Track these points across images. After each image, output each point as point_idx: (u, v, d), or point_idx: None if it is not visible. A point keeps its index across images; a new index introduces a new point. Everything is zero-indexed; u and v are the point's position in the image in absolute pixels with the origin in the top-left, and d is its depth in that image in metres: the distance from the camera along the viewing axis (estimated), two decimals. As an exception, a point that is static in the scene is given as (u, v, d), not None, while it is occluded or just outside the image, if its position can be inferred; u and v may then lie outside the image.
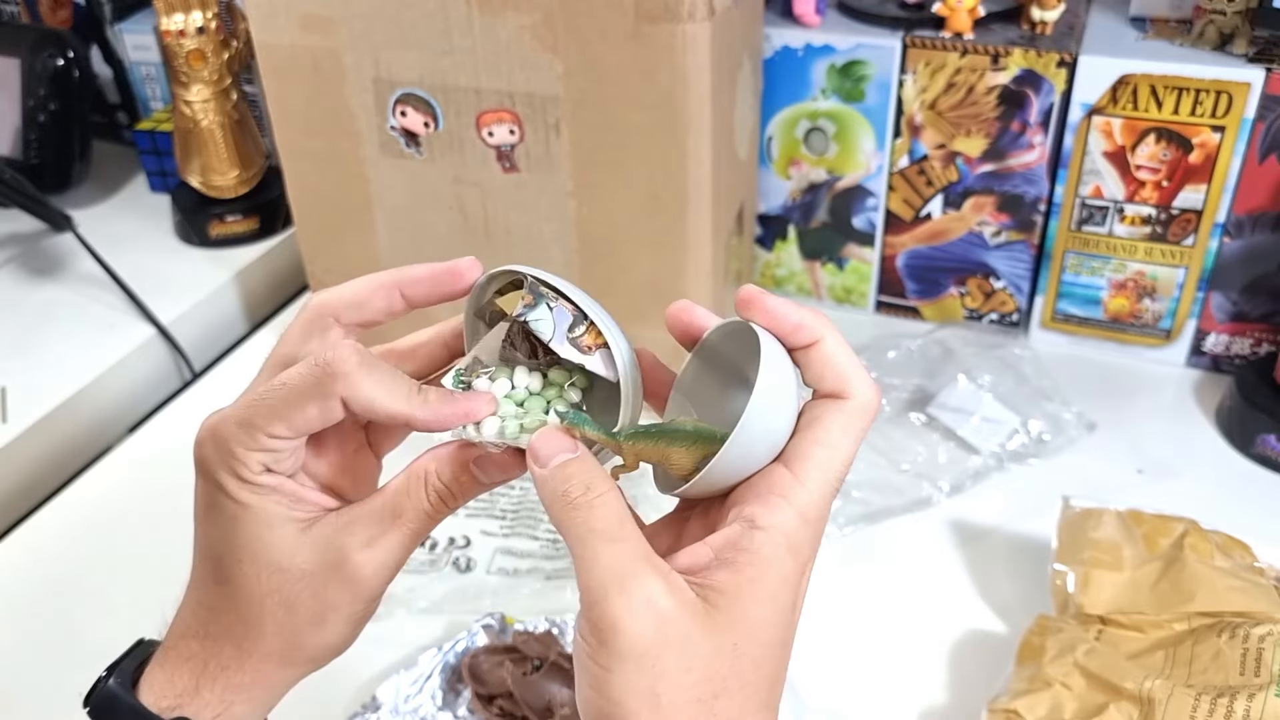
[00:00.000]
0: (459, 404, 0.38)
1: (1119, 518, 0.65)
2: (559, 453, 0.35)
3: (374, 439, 0.42)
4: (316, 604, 0.37)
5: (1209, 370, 0.85)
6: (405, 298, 0.39)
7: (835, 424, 0.35)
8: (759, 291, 0.36)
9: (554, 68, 0.68)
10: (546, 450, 0.35)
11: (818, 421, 0.35)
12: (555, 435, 0.36)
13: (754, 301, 0.36)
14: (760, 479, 0.35)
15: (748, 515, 0.34)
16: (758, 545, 0.33)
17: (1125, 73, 0.76)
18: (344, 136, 0.76)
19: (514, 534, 0.72)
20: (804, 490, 0.34)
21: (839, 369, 0.35)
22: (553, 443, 0.35)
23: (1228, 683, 0.54)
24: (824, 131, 0.86)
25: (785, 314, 0.35)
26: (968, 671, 0.62)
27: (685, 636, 0.32)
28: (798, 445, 0.35)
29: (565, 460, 0.35)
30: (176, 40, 0.92)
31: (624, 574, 0.32)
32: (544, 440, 0.35)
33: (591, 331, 0.38)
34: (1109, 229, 0.82)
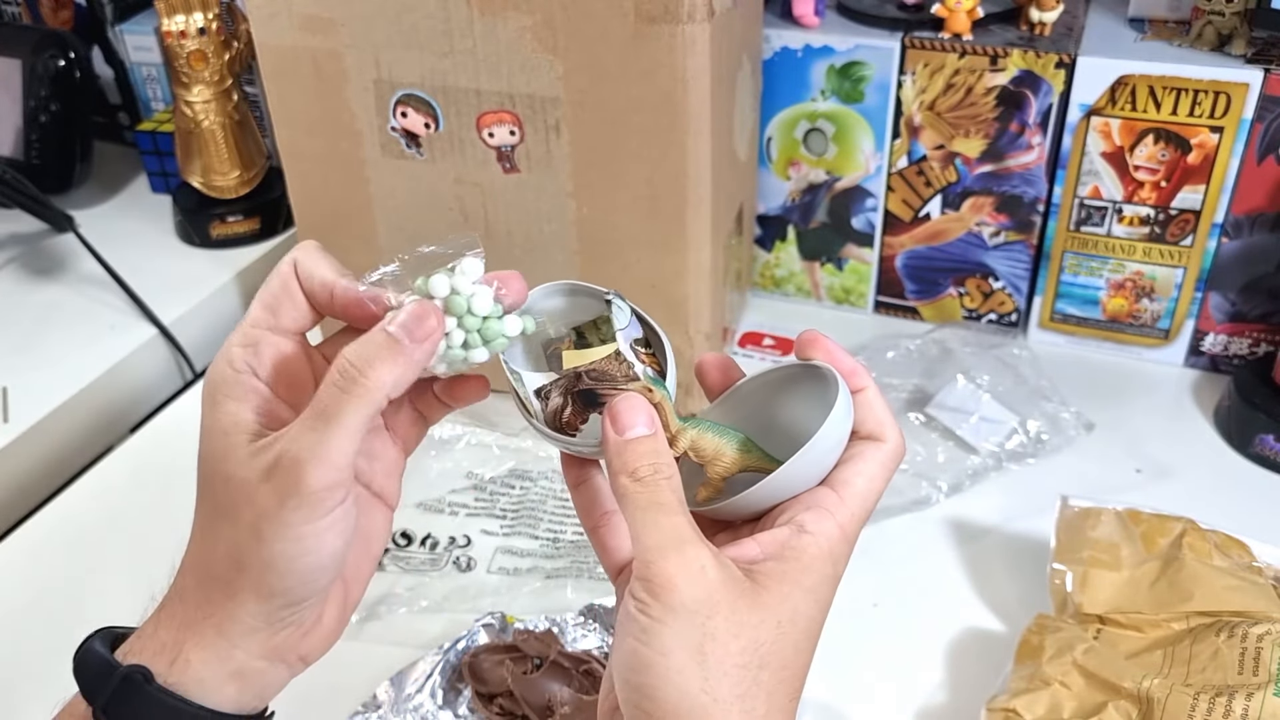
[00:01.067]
0: (380, 295, 0.38)
1: (1117, 517, 0.65)
2: (637, 425, 0.37)
3: (390, 420, 0.43)
4: (251, 511, 0.35)
5: (1207, 370, 0.85)
6: None
7: (874, 461, 0.39)
8: (821, 335, 0.40)
9: (554, 69, 0.69)
10: (627, 418, 0.37)
11: (859, 457, 0.39)
12: (638, 403, 0.37)
13: (818, 343, 0.40)
14: (809, 494, 0.38)
15: (797, 521, 0.37)
16: (805, 545, 0.36)
17: (1124, 73, 0.76)
18: (345, 137, 0.76)
19: (514, 533, 0.72)
20: (846, 510, 0.37)
21: (879, 415, 0.39)
22: (634, 411, 0.37)
23: (1226, 682, 0.54)
24: (823, 132, 0.86)
25: (843, 358, 0.40)
26: (966, 671, 0.62)
27: (733, 605, 0.34)
28: (841, 473, 0.38)
29: (641, 436, 0.37)
30: (177, 41, 0.92)
31: (681, 539, 0.35)
32: (627, 405, 0.37)
33: (652, 355, 0.40)
34: (1107, 229, 0.82)
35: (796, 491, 0.38)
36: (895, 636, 0.65)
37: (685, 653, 0.33)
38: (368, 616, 0.66)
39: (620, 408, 0.37)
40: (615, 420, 0.37)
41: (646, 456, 0.36)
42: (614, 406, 0.37)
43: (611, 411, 0.37)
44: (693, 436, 0.38)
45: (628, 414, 0.37)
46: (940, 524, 0.72)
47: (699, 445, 0.38)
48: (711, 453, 0.39)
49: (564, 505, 0.74)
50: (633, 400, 0.37)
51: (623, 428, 0.37)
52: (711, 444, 0.39)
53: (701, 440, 0.38)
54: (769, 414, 0.42)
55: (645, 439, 0.36)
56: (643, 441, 0.36)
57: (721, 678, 0.33)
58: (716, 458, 0.39)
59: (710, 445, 0.39)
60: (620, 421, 0.37)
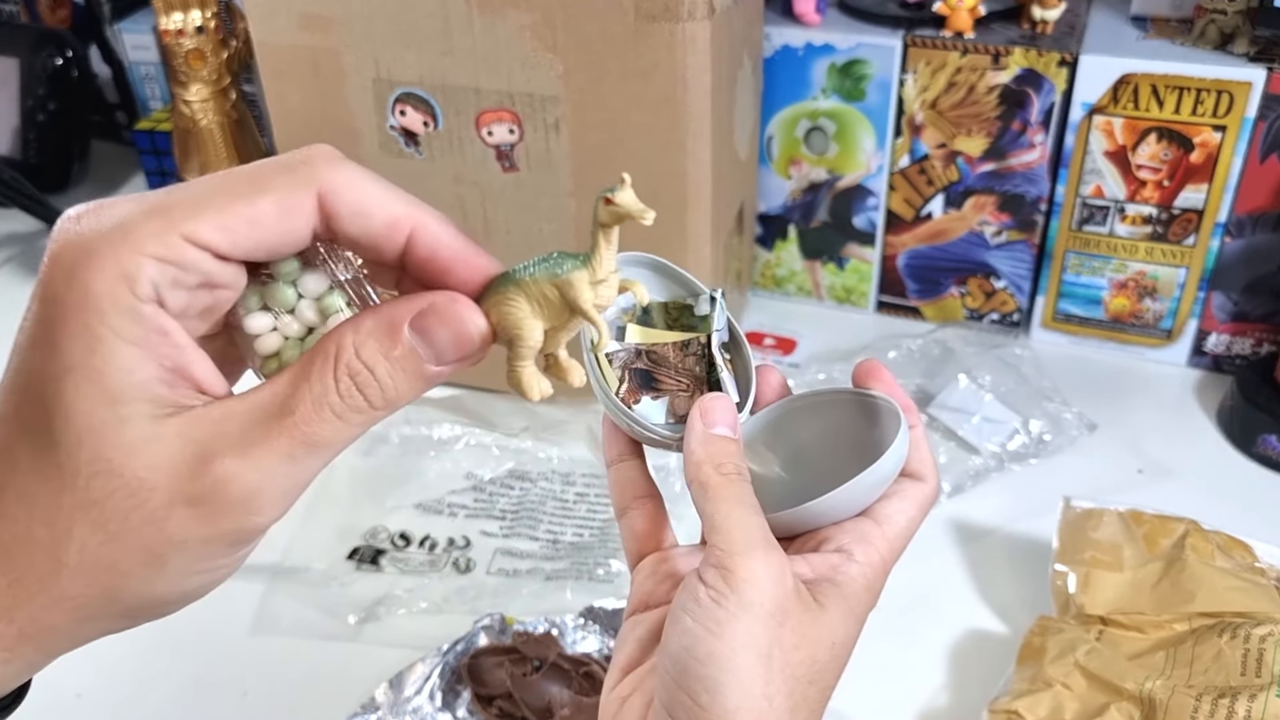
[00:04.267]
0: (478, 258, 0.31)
1: (1120, 518, 0.65)
2: (725, 425, 0.37)
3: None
4: (153, 532, 0.26)
5: (1210, 370, 0.85)
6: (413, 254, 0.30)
7: (914, 501, 0.39)
8: (882, 366, 0.41)
9: (554, 67, 0.68)
10: (717, 414, 0.37)
11: (901, 494, 0.39)
12: (729, 405, 0.38)
13: (879, 374, 0.40)
14: (851, 524, 0.38)
15: (846, 548, 0.37)
16: (854, 573, 0.37)
17: (1126, 72, 0.75)
18: (343, 136, 0.76)
19: (513, 534, 0.72)
20: (887, 544, 0.38)
21: (923, 455, 0.40)
22: (724, 411, 0.37)
23: (1229, 683, 0.53)
24: (824, 131, 0.85)
25: (900, 393, 0.40)
26: (968, 672, 0.62)
27: (801, 618, 0.34)
28: (883, 508, 0.39)
29: (727, 435, 0.37)
30: (175, 40, 0.92)
31: (768, 541, 0.35)
32: (720, 404, 0.37)
33: (734, 359, 0.41)
34: (1110, 229, 0.82)
35: (842, 517, 0.38)
36: (897, 638, 0.64)
37: (753, 653, 0.33)
38: (366, 618, 0.66)
39: (712, 404, 0.37)
40: (706, 414, 0.37)
41: (733, 456, 0.36)
42: (705, 402, 0.37)
43: (703, 405, 0.37)
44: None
45: (719, 411, 0.37)
46: (942, 525, 0.72)
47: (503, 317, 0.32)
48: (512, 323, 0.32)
49: (563, 506, 0.74)
50: (724, 400, 0.38)
51: (711, 422, 0.37)
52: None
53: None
54: (809, 435, 0.42)
55: (732, 440, 0.37)
56: (730, 442, 0.37)
57: (780, 685, 0.33)
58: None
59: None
60: (710, 416, 0.37)
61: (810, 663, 0.34)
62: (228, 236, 0.27)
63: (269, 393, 0.28)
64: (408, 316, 0.29)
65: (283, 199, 0.27)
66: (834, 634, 0.35)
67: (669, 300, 0.40)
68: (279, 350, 0.30)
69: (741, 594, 0.33)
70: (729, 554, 0.34)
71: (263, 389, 0.28)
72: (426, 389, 0.29)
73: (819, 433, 0.41)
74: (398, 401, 0.29)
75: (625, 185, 0.30)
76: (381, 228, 0.29)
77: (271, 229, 0.27)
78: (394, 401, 0.29)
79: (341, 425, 0.28)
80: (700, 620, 0.33)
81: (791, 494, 0.40)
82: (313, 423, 0.27)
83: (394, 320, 0.29)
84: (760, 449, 0.42)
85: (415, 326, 0.29)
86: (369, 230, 0.29)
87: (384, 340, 0.28)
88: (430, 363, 0.29)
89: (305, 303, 0.31)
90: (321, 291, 0.30)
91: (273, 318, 0.30)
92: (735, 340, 0.40)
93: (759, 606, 0.33)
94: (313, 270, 0.30)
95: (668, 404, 0.39)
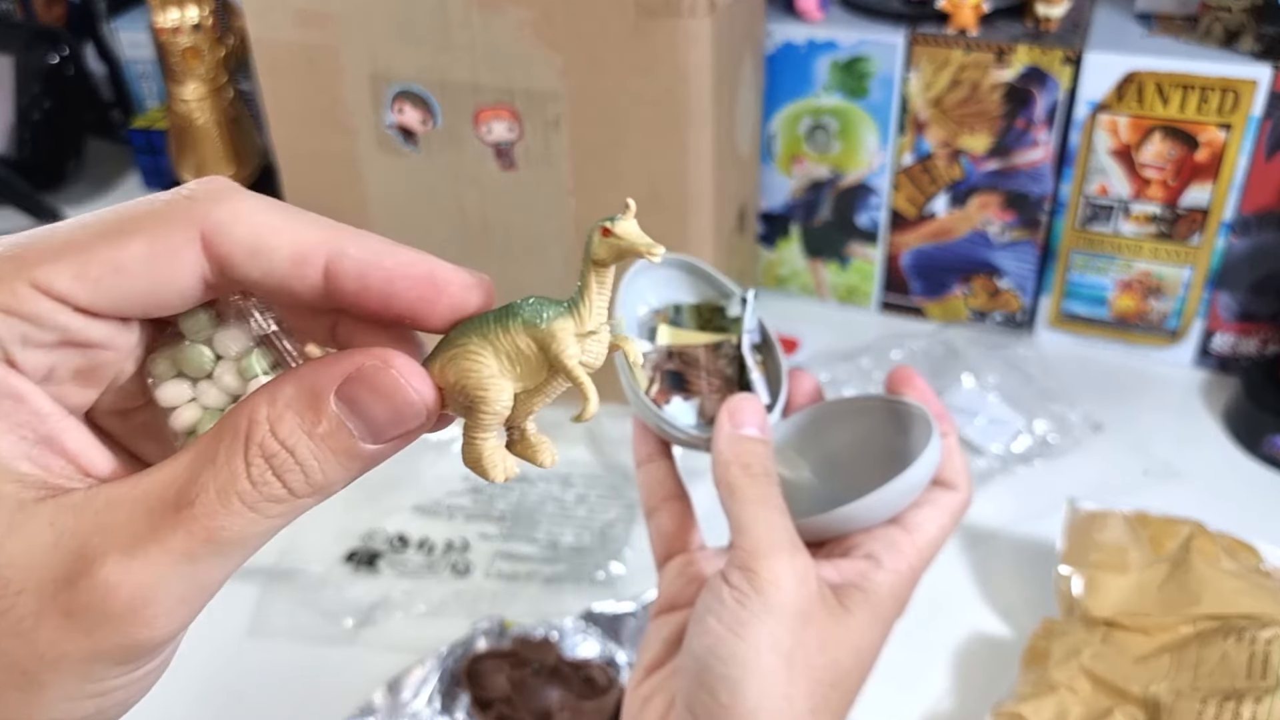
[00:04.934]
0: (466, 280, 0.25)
1: (1125, 520, 0.65)
2: (753, 425, 0.37)
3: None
4: (21, 647, 0.21)
5: (1216, 370, 0.84)
6: (335, 284, 0.24)
7: (945, 509, 0.39)
8: (916, 374, 0.40)
9: (553, 63, 0.68)
10: (745, 414, 0.37)
11: (932, 503, 0.39)
12: (757, 405, 0.37)
13: (913, 382, 0.40)
14: (881, 531, 0.38)
15: (875, 556, 0.37)
16: (882, 581, 0.36)
17: (1131, 69, 0.75)
18: (340, 134, 0.75)
19: (512, 536, 0.71)
20: (916, 552, 0.38)
21: (957, 464, 0.39)
22: (753, 411, 0.37)
23: (1234, 686, 0.53)
24: (827, 128, 0.85)
25: (934, 400, 0.40)
26: (972, 675, 0.62)
27: (825, 621, 0.34)
28: (914, 516, 0.38)
29: (755, 436, 0.36)
30: (171, 37, 0.91)
31: (794, 543, 0.34)
32: (748, 404, 0.37)
33: (765, 360, 0.40)
34: (1115, 228, 0.81)
35: (872, 524, 0.38)
36: (900, 641, 0.63)
37: (776, 654, 0.33)
38: (363, 621, 0.65)
39: (740, 404, 0.37)
40: (734, 414, 0.37)
41: (762, 457, 0.36)
42: (734, 402, 0.37)
43: (731, 406, 0.37)
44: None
45: (747, 411, 0.37)
46: (946, 527, 0.71)
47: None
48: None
49: (562, 509, 0.73)
50: (753, 400, 0.37)
51: (740, 423, 0.37)
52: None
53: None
54: (841, 440, 0.41)
55: (761, 441, 0.37)
56: (759, 443, 0.36)
57: (801, 687, 0.33)
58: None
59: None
60: (738, 416, 0.37)
61: (833, 666, 0.34)
62: (87, 286, 0.22)
63: (164, 477, 0.22)
64: (333, 384, 0.23)
65: (155, 241, 0.22)
66: (858, 638, 0.35)
67: (701, 302, 0.40)
68: (196, 425, 0.25)
69: (765, 596, 0.33)
70: (753, 555, 0.34)
71: (157, 472, 0.22)
72: (365, 469, 0.24)
73: (851, 438, 0.41)
74: (328, 488, 0.23)
75: (629, 214, 0.25)
76: (287, 265, 0.23)
77: (142, 276, 0.22)
78: (323, 488, 0.23)
79: (255, 519, 0.22)
80: (723, 620, 0.33)
81: (822, 499, 0.40)
82: (217, 515, 0.22)
83: (316, 389, 0.23)
84: (791, 454, 0.42)
85: (343, 397, 0.23)
86: (273, 270, 0.23)
87: (305, 414, 0.22)
88: (365, 440, 0.23)
89: (225, 365, 0.25)
90: (241, 351, 0.25)
91: (189, 386, 0.25)
92: (767, 342, 0.40)
93: (782, 608, 0.33)
94: (229, 325, 0.25)
95: (699, 405, 0.39)
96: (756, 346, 0.40)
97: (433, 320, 0.24)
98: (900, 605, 0.38)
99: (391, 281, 0.24)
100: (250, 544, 0.22)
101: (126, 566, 0.21)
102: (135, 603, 0.21)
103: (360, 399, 0.23)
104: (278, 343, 0.25)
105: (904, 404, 0.40)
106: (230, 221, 0.23)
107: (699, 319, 0.40)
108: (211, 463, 0.22)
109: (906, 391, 0.40)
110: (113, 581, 0.21)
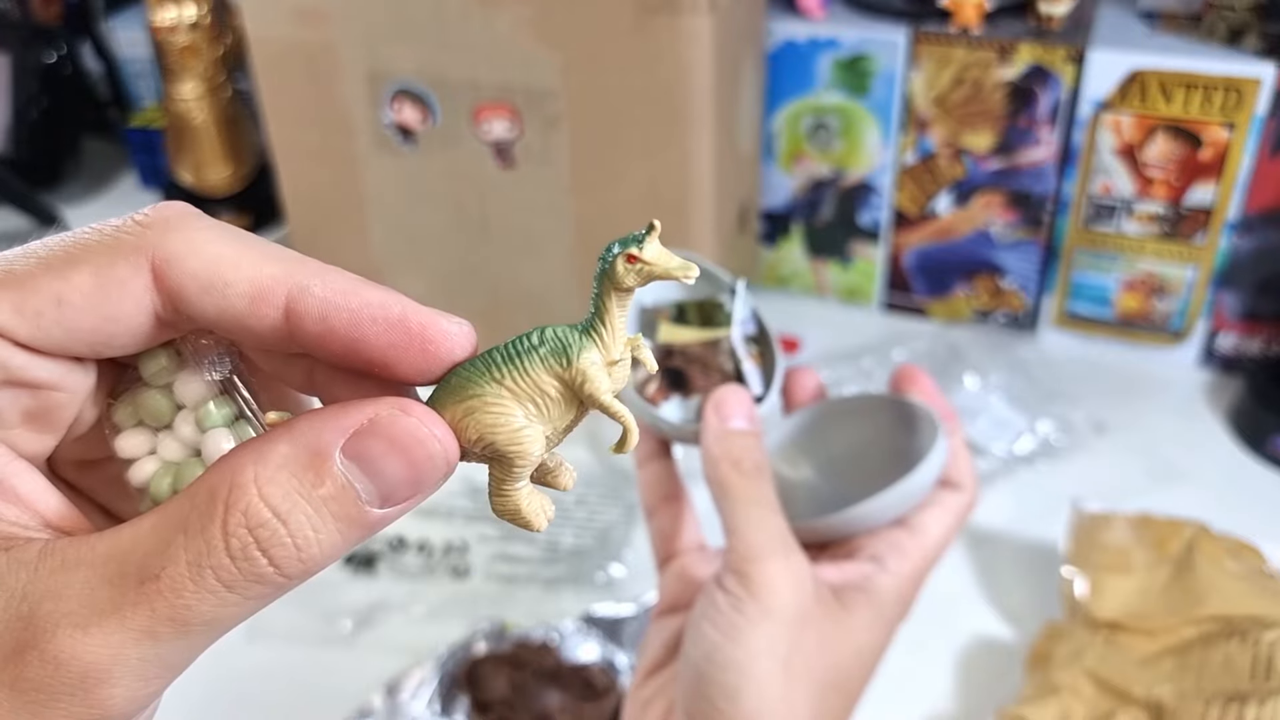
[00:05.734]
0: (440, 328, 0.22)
1: (1129, 522, 0.64)
2: (741, 417, 0.35)
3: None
4: None
5: (1220, 371, 0.84)
6: (297, 325, 0.21)
7: (951, 511, 0.38)
8: (921, 372, 0.40)
9: (553, 61, 0.67)
10: (732, 408, 0.36)
11: (937, 504, 0.38)
12: (744, 397, 0.36)
13: (918, 381, 0.40)
14: (886, 533, 0.37)
15: (879, 558, 0.36)
16: (885, 583, 0.36)
17: (1135, 68, 0.74)
18: (338, 132, 0.74)
19: (511, 538, 0.71)
20: (921, 554, 0.37)
21: (963, 464, 0.39)
22: (739, 403, 0.36)
23: (1238, 688, 0.53)
24: (829, 127, 0.84)
25: (940, 400, 0.39)
26: (976, 678, 0.61)
27: (822, 623, 0.34)
28: (919, 517, 0.38)
29: (745, 430, 0.35)
30: (169, 35, 0.91)
31: (787, 545, 0.34)
32: (734, 396, 0.36)
33: (761, 352, 0.40)
34: (1118, 227, 0.81)
35: (877, 525, 0.38)
36: (903, 643, 0.63)
37: (773, 659, 0.32)
38: (362, 624, 0.65)
39: (726, 397, 0.36)
40: (720, 406, 0.36)
41: (752, 451, 0.35)
42: (720, 395, 0.36)
43: (716, 399, 0.36)
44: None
45: (733, 403, 0.36)
46: (948, 528, 0.71)
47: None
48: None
49: (562, 511, 0.72)
50: (739, 392, 0.36)
51: (726, 415, 0.36)
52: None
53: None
54: (845, 439, 0.41)
55: (750, 434, 0.36)
56: (748, 436, 0.35)
57: (800, 691, 0.33)
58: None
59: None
60: (725, 409, 0.36)
61: (833, 668, 0.34)
62: (27, 320, 0.20)
63: (129, 540, 0.19)
64: (339, 438, 0.20)
65: (101, 272, 0.20)
66: (858, 640, 0.35)
67: (704, 299, 0.40)
68: (150, 481, 0.22)
69: (760, 600, 0.33)
70: (747, 559, 0.33)
71: (122, 533, 0.19)
72: (363, 539, 0.21)
73: (855, 438, 0.41)
74: (319, 564, 0.20)
75: (653, 235, 0.23)
76: (244, 302, 0.21)
77: (87, 311, 0.20)
78: (313, 565, 0.20)
79: (231, 599, 0.19)
80: (719, 627, 0.33)
81: (825, 499, 0.39)
82: (186, 593, 0.19)
83: (318, 445, 0.20)
84: (794, 452, 0.41)
85: (351, 453, 0.20)
86: (229, 308, 0.21)
87: (304, 474, 0.20)
88: (373, 504, 0.20)
89: (186, 415, 0.23)
90: (198, 399, 0.23)
91: (150, 436, 0.23)
92: (763, 332, 0.40)
93: (778, 612, 0.33)
94: (190, 370, 0.23)
95: (699, 402, 0.39)
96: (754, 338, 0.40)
97: (404, 370, 0.21)
98: (905, 607, 0.37)
99: (358, 325, 0.21)
100: (223, 626, 0.20)
101: (80, 640, 0.18)
102: (89, 681, 0.19)
103: (371, 453, 0.20)
104: (235, 392, 0.23)
105: (909, 403, 0.39)
106: (184, 253, 0.20)
107: (700, 316, 0.40)
108: (183, 530, 0.19)
109: (912, 390, 0.40)
110: (64, 656, 0.18)
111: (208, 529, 0.19)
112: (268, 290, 0.21)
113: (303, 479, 0.19)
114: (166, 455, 0.22)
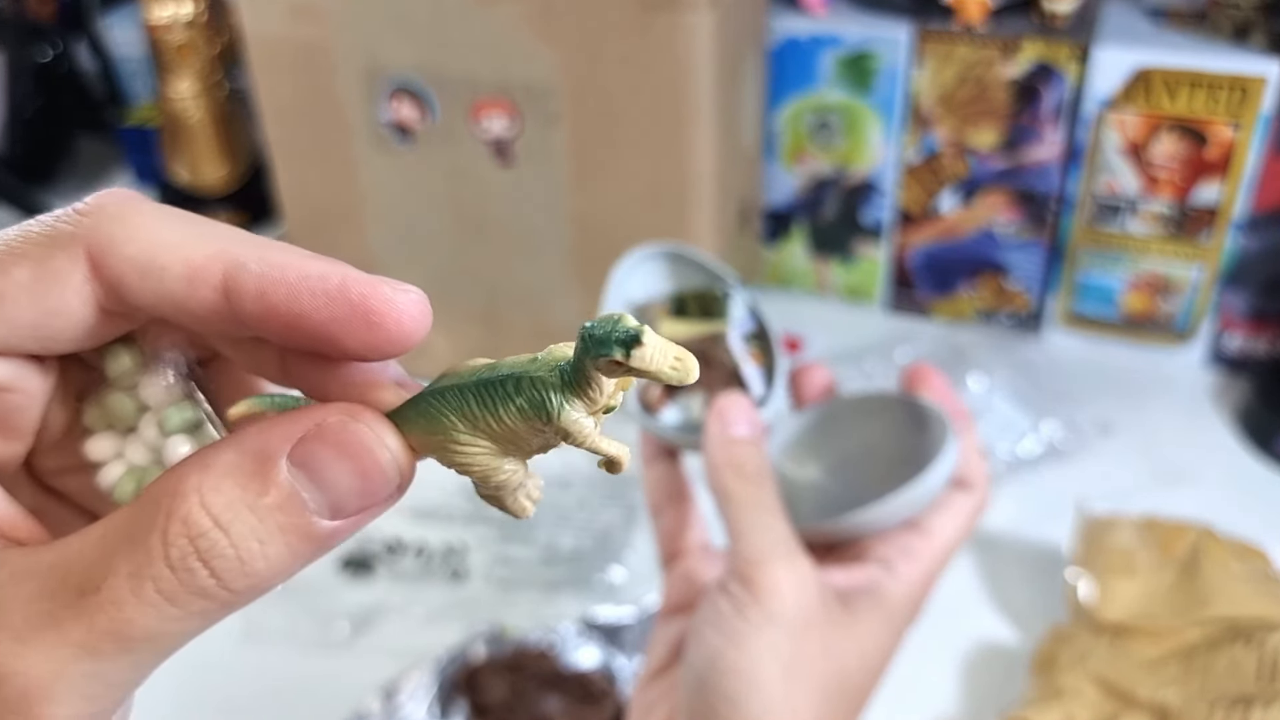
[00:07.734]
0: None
1: (1134, 524, 0.64)
2: (743, 424, 0.35)
3: None
4: None
5: (1227, 371, 0.83)
6: (239, 307, 0.20)
7: (962, 512, 0.38)
8: (934, 371, 0.39)
9: (552, 58, 0.66)
10: (734, 415, 0.35)
11: (948, 505, 0.38)
12: (745, 403, 0.36)
13: (930, 380, 0.39)
14: (895, 535, 0.37)
15: (887, 561, 0.36)
16: (893, 586, 0.36)
17: (1140, 65, 0.74)
18: (335, 130, 0.74)
19: (510, 541, 0.70)
20: (931, 557, 0.37)
21: (974, 464, 0.38)
22: (741, 409, 0.35)
23: (1243, 691, 0.53)
24: (831, 125, 0.83)
25: (952, 399, 0.38)
26: (980, 681, 0.61)
27: (826, 627, 0.33)
28: (930, 519, 0.37)
29: (746, 437, 0.35)
30: (164, 33, 0.90)
31: (790, 548, 0.33)
32: (736, 402, 0.36)
33: (760, 351, 0.39)
34: (1124, 226, 0.80)
35: (886, 528, 0.37)
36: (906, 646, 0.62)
37: (777, 665, 0.32)
38: (359, 627, 0.65)
39: (727, 404, 0.36)
40: (721, 414, 0.35)
41: (754, 457, 0.35)
42: (720, 402, 0.36)
43: (718, 406, 0.36)
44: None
45: (734, 410, 0.35)
46: (952, 530, 0.70)
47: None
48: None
49: (562, 513, 0.72)
50: (740, 400, 0.36)
51: (728, 423, 0.35)
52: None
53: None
54: (854, 438, 0.41)
55: (751, 441, 0.35)
56: (749, 444, 0.35)
57: (804, 696, 0.32)
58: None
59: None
60: (726, 416, 0.35)
61: (839, 673, 0.33)
62: None
63: (74, 551, 0.19)
64: (285, 444, 0.19)
65: (38, 264, 0.19)
66: (864, 644, 0.34)
67: (702, 290, 0.39)
68: (116, 486, 0.22)
69: (764, 605, 0.32)
70: (750, 563, 0.33)
71: (69, 544, 0.19)
72: (314, 557, 0.20)
73: (864, 437, 0.40)
74: (267, 579, 0.19)
75: (646, 338, 0.19)
76: (180, 285, 0.20)
77: (26, 305, 0.19)
78: (260, 580, 0.19)
79: (173, 613, 0.18)
80: (722, 632, 0.32)
81: (834, 500, 0.39)
82: (127, 606, 0.18)
83: (264, 450, 0.19)
84: (801, 451, 0.41)
85: (298, 460, 0.19)
86: (166, 292, 0.20)
87: (249, 482, 0.19)
88: (321, 515, 0.19)
89: (150, 418, 0.22)
90: (161, 400, 0.22)
91: (119, 439, 0.22)
92: (763, 331, 0.39)
93: (781, 617, 0.32)
94: (152, 369, 0.22)
95: (702, 400, 0.38)
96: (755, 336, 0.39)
97: (351, 345, 0.20)
98: (913, 610, 0.37)
99: (296, 299, 0.19)
100: (168, 643, 0.19)
101: (20, 655, 0.18)
102: (29, 698, 0.18)
103: (318, 460, 0.19)
104: (191, 391, 0.22)
105: (920, 403, 0.39)
106: (122, 239, 0.19)
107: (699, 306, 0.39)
108: (128, 539, 0.18)
109: (923, 390, 0.39)
110: (4, 671, 0.18)
111: (148, 539, 0.18)
112: (203, 269, 0.19)
113: (247, 487, 0.18)
114: (133, 459, 0.21)
